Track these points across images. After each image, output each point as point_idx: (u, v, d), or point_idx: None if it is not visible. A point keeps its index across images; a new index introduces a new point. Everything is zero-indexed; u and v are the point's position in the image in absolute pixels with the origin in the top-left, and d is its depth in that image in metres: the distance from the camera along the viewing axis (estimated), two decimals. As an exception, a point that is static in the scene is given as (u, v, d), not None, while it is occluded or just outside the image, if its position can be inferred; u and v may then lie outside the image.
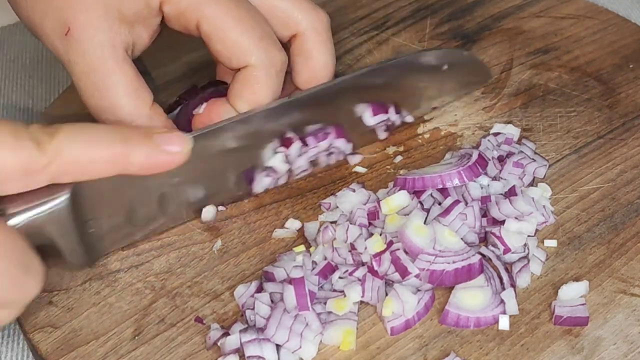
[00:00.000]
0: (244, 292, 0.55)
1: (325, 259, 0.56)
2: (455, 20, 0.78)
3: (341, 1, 0.81)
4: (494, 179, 0.60)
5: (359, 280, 0.54)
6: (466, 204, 0.57)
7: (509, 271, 0.56)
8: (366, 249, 0.55)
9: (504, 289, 0.54)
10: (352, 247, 0.56)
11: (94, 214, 0.54)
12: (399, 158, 0.65)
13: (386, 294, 0.54)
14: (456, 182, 0.58)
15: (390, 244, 0.54)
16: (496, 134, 0.65)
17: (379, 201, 0.58)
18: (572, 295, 0.54)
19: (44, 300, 0.55)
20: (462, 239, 0.55)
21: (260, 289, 0.55)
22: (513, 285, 0.55)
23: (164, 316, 0.55)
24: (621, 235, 0.58)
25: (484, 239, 0.58)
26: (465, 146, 0.65)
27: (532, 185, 0.61)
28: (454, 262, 0.53)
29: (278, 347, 0.51)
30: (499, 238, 0.56)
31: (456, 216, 0.56)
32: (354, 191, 0.61)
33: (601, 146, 0.65)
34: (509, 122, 0.67)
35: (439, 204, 0.58)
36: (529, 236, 0.57)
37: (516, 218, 0.57)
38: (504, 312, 0.53)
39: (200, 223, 0.60)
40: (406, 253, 0.54)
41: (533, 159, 0.62)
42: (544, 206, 0.59)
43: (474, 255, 0.54)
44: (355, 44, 0.76)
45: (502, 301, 0.54)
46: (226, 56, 0.58)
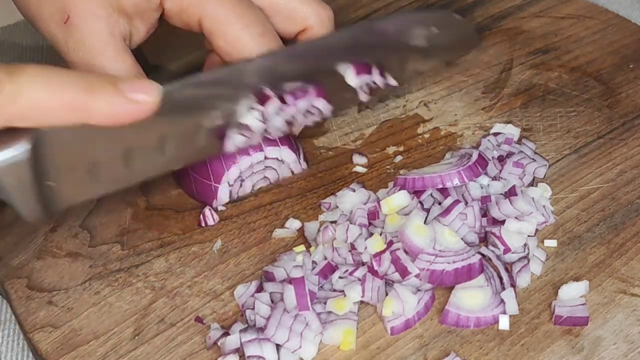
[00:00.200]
0: (244, 292, 0.55)
1: (325, 258, 0.56)
2: (455, 20, 0.78)
3: (342, 1, 0.81)
4: (494, 179, 0.60)
5: (359, 280, 0.54)
6: (466, 204, 0.57)
7: (509, 271, 0.56)
8: (366, 249, 0.55)
9: (504, 289, 0.54)
10: (352, 247, 0.56)
11: (54, 167, 0.50)
12: (399, 158, 0.65)
13: (386, 294, 0.54)
14: (456, 182, 0.58)
15: (390, 243, 0.54)
16: (496, 134, 0.65)
17: (379, 201, 0.58)
18: (572, 295, 0.54)
19: (44, 300, 0.56)
20: (462, 239, 0.55)
21: (260, 289, 0.55)
22: (513, 285, 0.55)
23: (163, 316, 0.55)
24: (621, 235, 0.58)
25: (484, 239, 0.58)
26: (465, 146, 0.65)
27: (532, 185, 0.61)
28: (454, 262, 0.53)
29: (278, 347, 0.51)
30: (499, 238, 0.56)
31: (456, 216, 0.56)
32: (354, 191, 0.61)
33: (601, 146, 0.65)
34: (509, 122, 0.67)
35: (439, 204, 0.58)
36: (529, 236, 0.57)
37: (516, 218, 0.57)
38: (504, 312, 0.53)
39: (199, 226, 0.60)
40: (406, 253, 0.54)
41: (533, 159, 0.62)
42: (544, 206, 0.59)
43: (474, 255, 0.54)
44: (356, 43, 0.76)
45: (502, 301, 0.54)
46: (227, 51, 0.58)
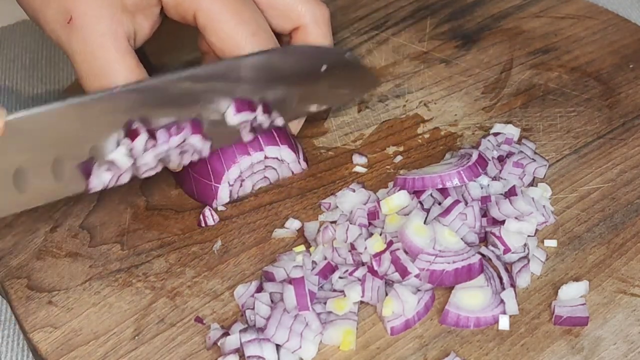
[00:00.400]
0: (244, 292, 0.55)
1: (325, 259, 0.56)
2: (455, 20, 0.78)
3: (341, 1, 0.81)
4: (494, 179, 0.60)
5: (359, 280, 0.54)
6: (466, 204, 0.57)
7: (509, 271, 0.56)
8: (366, 249, 0.55)
9: (504, 289, 0.54)
10: (352, 247, 0.56)
11: None
12: (399, 158, 0.65)
13: (386, 294, 0.54)
14: (456, 182, 0.58)
15: (390, 244, 0.54)
16: (496, 134, 0.65)
17: (379, 201, 0.58)
18: (572, 295, 0.54)
19: (44, 300, 0.55)
20: (462, 239, 0.55)
21: (260, 289, 0.55)
22: (513, 285, 0.55)
23: (163, 316, 0.55)
24: (621, 235, 0.58)
25: (484, 239, 0.58)
26: (465, 146, 0.65)
27: (532, 185, 0.61)
28: (454, 262, 0.53)
29: (278, 347, 0.51)
30: (499, 238, 0.56)
31: (456, 216, 0.56)
32: (354, 191, 0.61)
33: (601, 146, 0.65)
34: (509, 122, 0.67)
35: (439, 204, 0.58)
36: (529, 236, 0.57)
37: (516, 218, 0.57)
38: (504, 312, 0.53)
39: (199, 227, 0.60)
40: (406, 253, 0.54)
41: (533, 159, 0.62)
42: (544, 206, 0.59)
43: (474, 255, 0.54)
44: (355, 43, 0.76)
45: (502, 301, 0.54)
46: (219, 48, 0.58)
